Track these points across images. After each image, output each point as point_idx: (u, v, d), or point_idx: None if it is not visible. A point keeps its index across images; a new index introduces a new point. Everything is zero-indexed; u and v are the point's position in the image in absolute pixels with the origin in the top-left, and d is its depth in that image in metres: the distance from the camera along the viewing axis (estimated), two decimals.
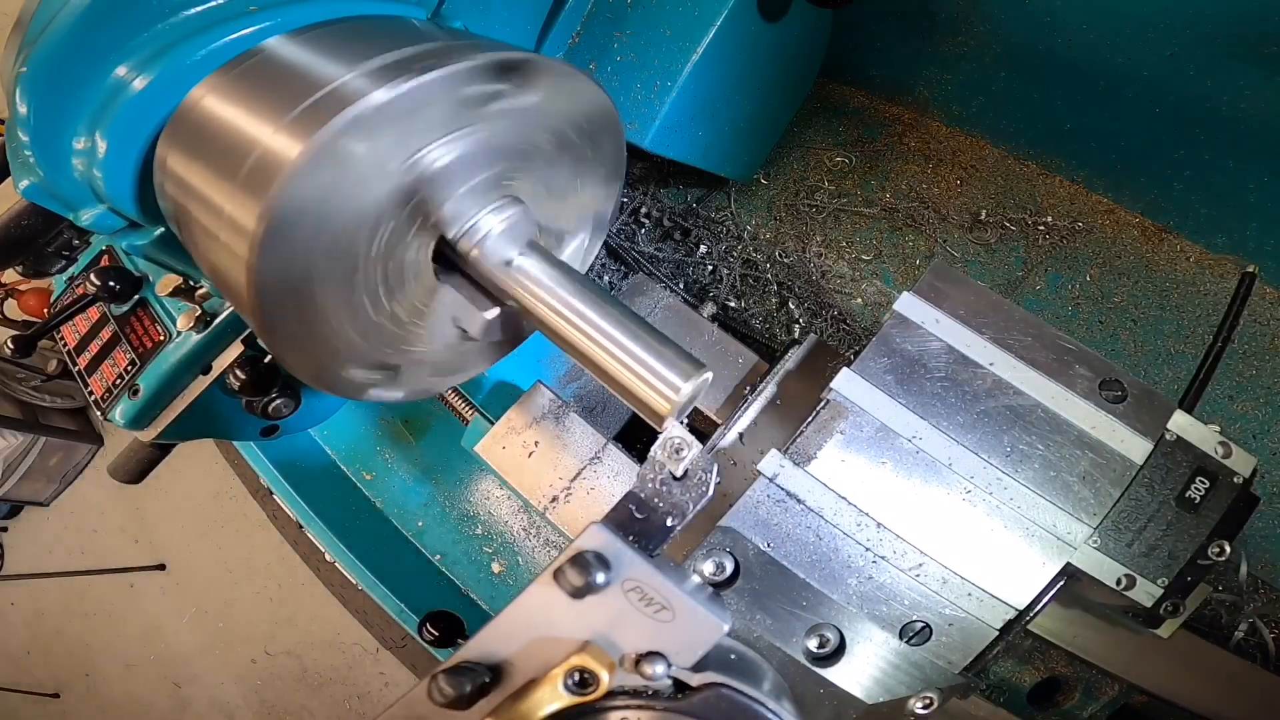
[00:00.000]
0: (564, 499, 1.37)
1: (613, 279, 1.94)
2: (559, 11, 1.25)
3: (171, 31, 0.67)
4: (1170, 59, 1.54)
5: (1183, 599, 0.94)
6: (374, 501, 1.86)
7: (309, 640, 3.58)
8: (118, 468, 1.31)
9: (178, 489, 3.91)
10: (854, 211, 2.08)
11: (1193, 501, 0.95)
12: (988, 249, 1.98)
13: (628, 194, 2.04)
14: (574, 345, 0.72)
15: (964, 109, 2.00)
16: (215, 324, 1.10)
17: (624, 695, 0.70)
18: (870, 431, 1.00)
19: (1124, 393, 1.01)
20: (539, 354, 1.74)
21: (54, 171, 0.69)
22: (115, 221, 0.75)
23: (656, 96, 1.42)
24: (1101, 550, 0.94)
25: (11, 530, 4.40)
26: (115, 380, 1.15)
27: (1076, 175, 1.93)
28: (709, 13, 1.38)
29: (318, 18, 0.71)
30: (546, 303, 0.72)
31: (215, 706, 3.75)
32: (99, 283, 1.07)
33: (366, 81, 0.59)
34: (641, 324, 0.71)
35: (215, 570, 3.82)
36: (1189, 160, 1.69)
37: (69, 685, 4.10)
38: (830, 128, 2.15)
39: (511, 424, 1.41)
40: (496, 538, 1.81)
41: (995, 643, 0.93)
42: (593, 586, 0.68)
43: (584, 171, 0.82)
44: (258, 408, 1.16)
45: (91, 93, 0.67)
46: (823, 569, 0.95)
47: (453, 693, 0.67)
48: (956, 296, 1.07)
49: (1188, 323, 1.82)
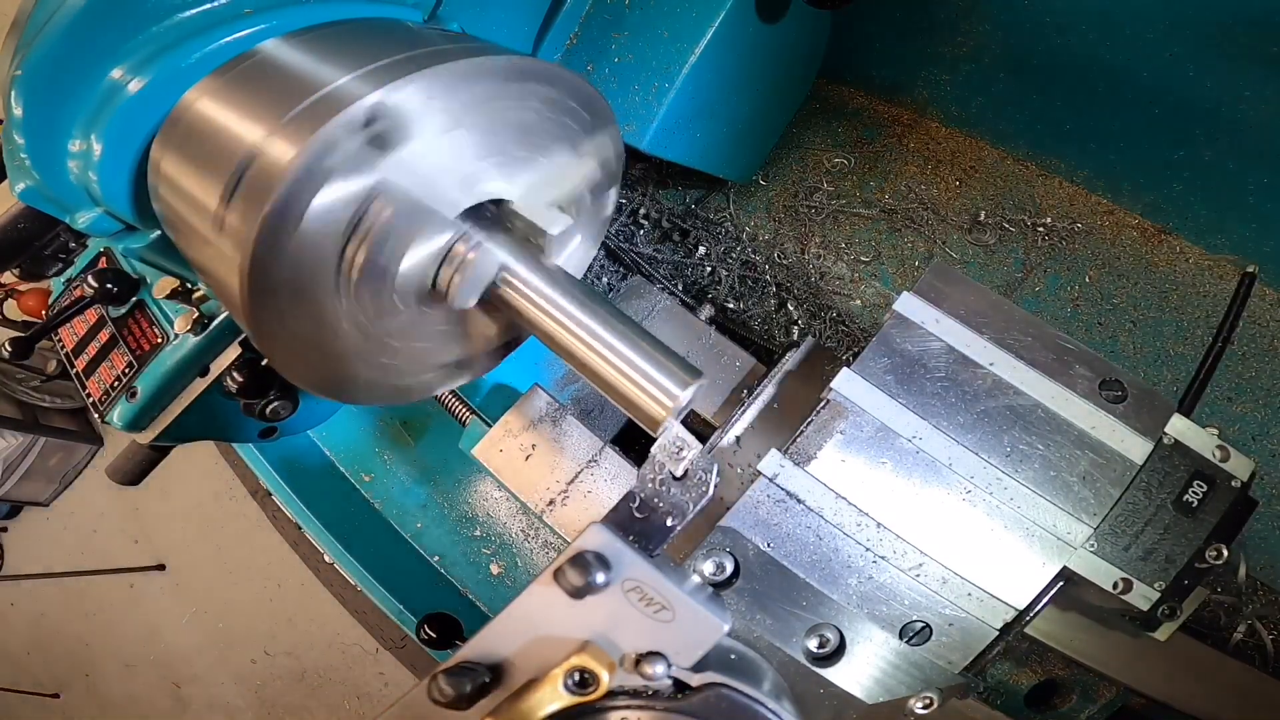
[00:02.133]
0: (561, 502, 1.37)
1: (611, 280, 1.94)
2: (556, 13, 1.25)
3: (167, 34, 0.67)
4: (1170, 60, 1.54)
5: (1180, 602, 0.94)
6: (373, 503, 1.86)
7: (309, 640, 3.58)
8: (116, 469, 1.31)
9: (177, 490, 3.91)
10: (853, 213, 2.07)
11: (1190, 505, 0.95)
12: (987, 250, 1.98)
13: (626, 195, 2.04)
14: (569, 351, 0.72)
15: (963, 110, 2.00)
16: (213, 326, 1.10)
17: (624, 695, 0.70)
18: (870, 431, 0.99)
19: (1124, 393, 1.01)
20: (536, 356, 1.75)
21: (50, 174, 0.69)
22: (111, 225, 0.74)
23: (654, 98, 1.42)
24: (1098, 554, 0.94)
25: (11, 530, 4.40)
26: (113, 382, 1.15)
27: (1076, 176, 1.93)
28: (707, 14, 1.37)
29: (313, 21, 0.71)
30: (542, 309, 0.72)
31: (215, 706, 3.75)
32: (96, 285, 1.07)
33: (362, 85, 0.59)
34: (637, 330, 0.71)
35: (215, 570, 3.82)
36: (1189, 161, 1.69)
37: (69, 685, 4.10)
38: (829, 129, 2.15)
39: (509, 427, 1.41)
40: (495, 539, 1.81)
41: (995, 643, 0.93)
42: (593, 586, 0.68)
43: (572, 143, 0.81)
44: (256, 410, 1.16)
45: (87, 95, 0.67)
46: (823, 569, 0.95)
47: (453, 693, 0.67)
48: (956, 296, 1.07)
49: (1187, 324, 1.82)
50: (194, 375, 1.16)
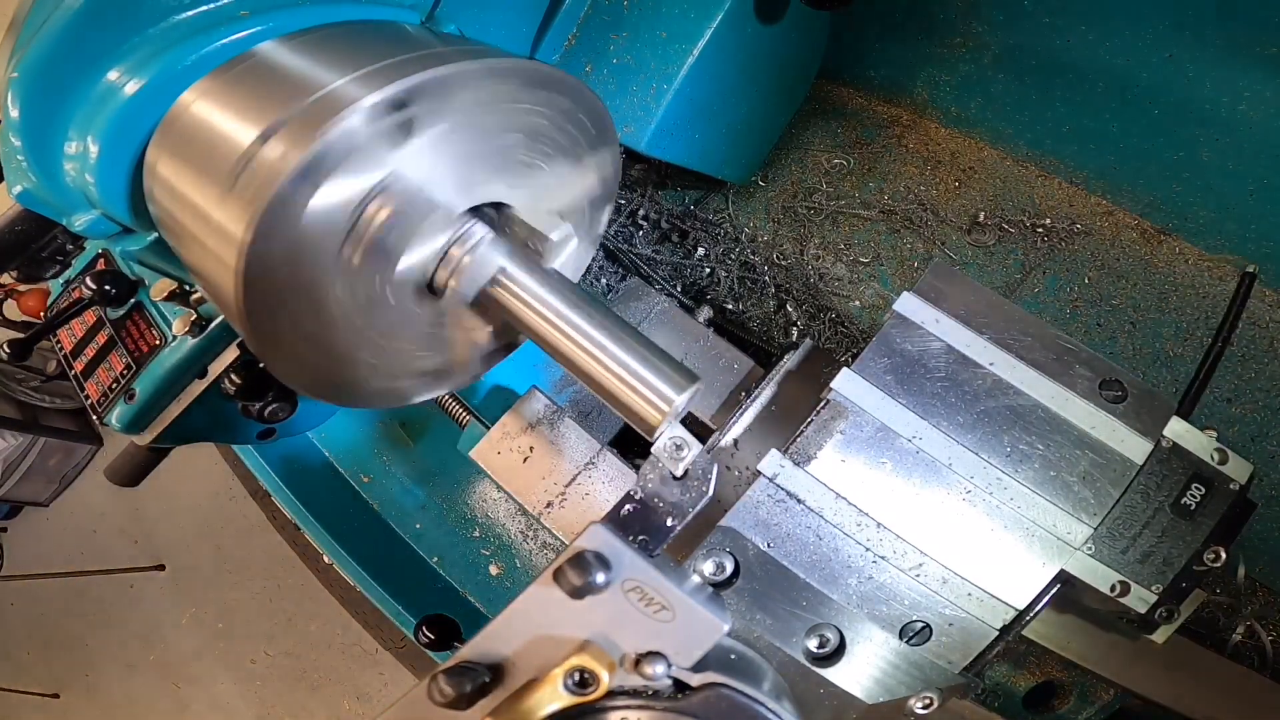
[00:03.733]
0: (559, 504, 1.37)
1: (610, 281, 1.94)
2: (554, 14, 1.25)
3: (163, 36, 0.67)
4: (1169, 60, 1.54)
5: (1177, 605, 0.94)
6: (372, 504, 1.86)
7: (309, 640, 3.58)
8: (115, 471, 1.31)
9: (177, 490, 3.91)
10: (852, 213, 2.07)
11: (1188, 508, 0.95)
12: (986, 251, 1.98)
13: (625, 196, 2.04)
14: (564, 355, 0.72)
15: (962, 110, 2.00)
16: (210, 328, 1.10)
17: (624, 695, 0.70)
18: (870, 431, 0.99)
19: (1124, 393, 1.01)
20: (534, 359, 1.74)
21: (46, 176, 0.69)
22: (108, 227, 0.74)
23: (653, 99, 1.42)
24: (1096, 557, 0.94)
25: (11, 530, 4.39)
26: (111, 384, 1.15)
27: (1075, 177, 1.93)
28: (705, 15, 1.37)
29: (310, 22, 0.71)
30: (538, 312, 0.72)
31: (215, 706, 3.75)
32: (94, 286, 1.07)
33: (358, 86, 0.59)
34: (632, 334, 0.71)
35: (215, 570, 3.82)
36: (1188, 161, 1.69)
37: (69, 685, 4.10)
38: (828, 129, 2.15)
39: (506, 429, 1.41)
40: (494, 540, 1.81)
41: (995, 643, 0.93)
42: (592, 586, 0.68)
43: (576, 155, 0.81)
44: (254, 411, 1.16)
45: (83, 97, 0.67)
46: (823, 569, 0.95)
47: (453, 693, 0.67)
48: (957, 296, 1.07)
49: (1187, 325, 1.81)
50: (192, 377, 1.15)
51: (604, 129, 0.79)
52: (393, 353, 0.77)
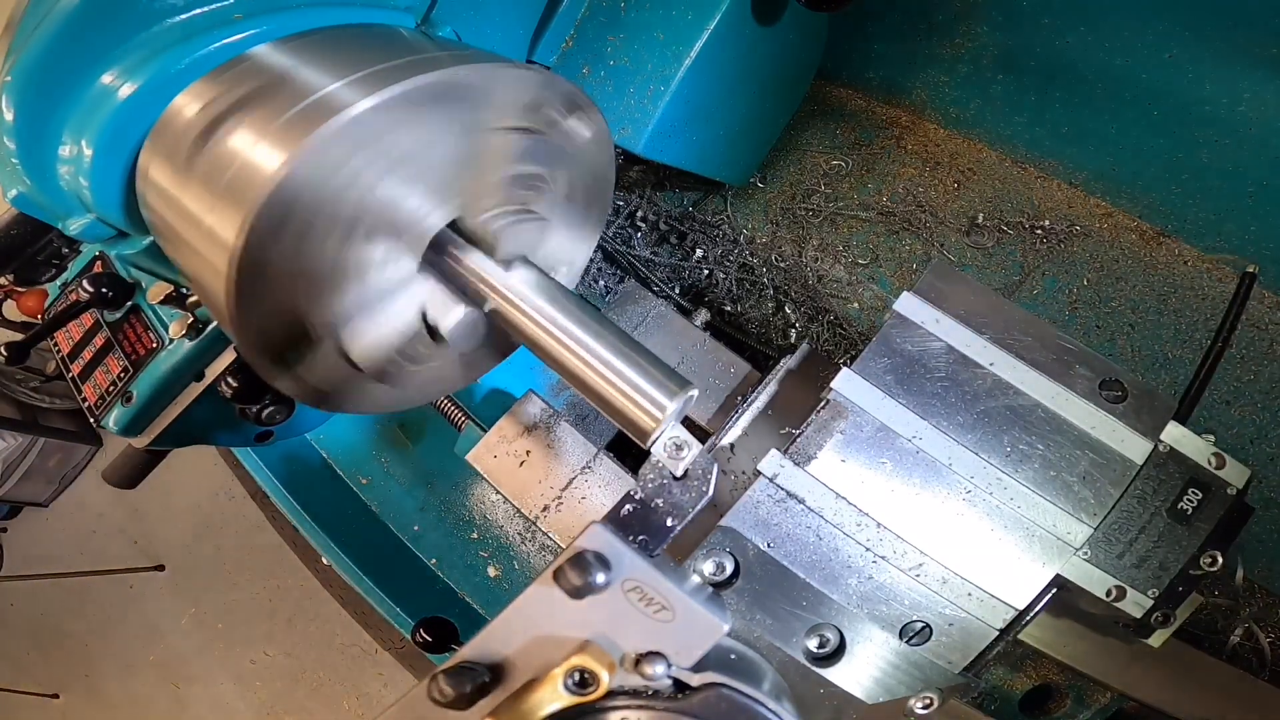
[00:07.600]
0: (555, 508, 1.37)
1: (608, 283, 1.94)
2: (551, 16, 1.25)
3: (157, 39, 0.66)
4: (1170, 60, 1.54)
5: (1173, 609, 0.94)
6: (370, 506, 1.86)
7: (308, 640, 3.58)
8: (113, 473, 1.31)
9: (177, 490, 3.91)
10: (850, 215, 2.07)
11: (1185, 513, 0.95)
12: (985, 253, 1.97)
13: (624, 197, 2.04)
14: (558, 361, 0.71)
15: (961, 111, 2.00)
16: (207, 331, 1.09)
17: (624, 695, 0.69)
18: (870, 431, 0.99)
19: (1124, 393, 1.00)
20: (531, 362, 1.74)
21: (41, 180, 0.69)
22: (104, 230, 0.74)
23: (650, 101, 1.42)
24: (1092, 561, 0.94)
25: (11, 530, 4.39)
26: (109, 386, 1.15)
27: (1074, 178, 1.93)
28: (703, 16, 1.37)
29: (304, 26, 0.71)
30: (532, 317, 0.72)
31: (215, 706, 3.75)
32: (91, 289, 1.06)
33: (352, 91, 0.59)
34: (626, 340, 0.71)
35: (214, 571, 3.82)
36: (1188, 162, 1.69)
37: (69, 685, 4.09)
38: (827, 131, 2.15)
39: (503, 432, 1.41)
40: (492, 542, 1.81)
41: (995, 643, 0.93)
42: (592, 586, 0.67)
43: (575, 221, 0.82)
44: (251, 414, 1.16)
45: (77, 100, 0.66)
46: (823, 569, 0.95)
47: (453, 693, 0.66)
48: (957, 296, 1.07)
49: (1186, 326, 1.81)
50: (189, 379, 1.15)
51: (579, 106, 0.77)
52: (386, 359, 0.77)
